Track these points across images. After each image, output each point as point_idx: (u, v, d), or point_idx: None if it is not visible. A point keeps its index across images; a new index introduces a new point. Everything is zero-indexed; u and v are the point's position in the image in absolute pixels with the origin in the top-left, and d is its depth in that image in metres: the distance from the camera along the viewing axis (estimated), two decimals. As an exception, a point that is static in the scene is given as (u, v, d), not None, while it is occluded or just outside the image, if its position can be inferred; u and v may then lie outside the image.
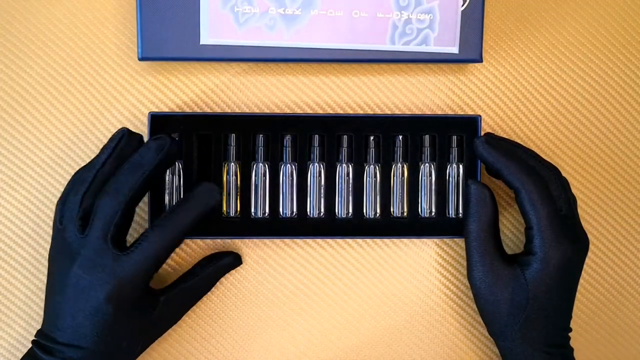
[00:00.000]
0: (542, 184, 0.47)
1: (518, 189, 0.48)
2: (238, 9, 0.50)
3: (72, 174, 0.54)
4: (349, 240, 0.55)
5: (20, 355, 0.54)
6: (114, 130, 0.54)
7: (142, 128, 0.54)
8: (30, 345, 0.47)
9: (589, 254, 0.55)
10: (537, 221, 0.47)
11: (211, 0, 0.50)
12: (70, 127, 0.54)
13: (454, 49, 0.52)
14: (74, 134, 0.54)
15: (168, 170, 0.52)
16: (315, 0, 0.50)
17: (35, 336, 0.47)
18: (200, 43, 0.50)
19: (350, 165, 0.53)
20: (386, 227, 0.54)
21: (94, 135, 0.54)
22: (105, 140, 0.54)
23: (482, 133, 0.55)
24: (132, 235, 0.55)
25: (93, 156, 0.54)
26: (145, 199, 0.52)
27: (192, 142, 0.52)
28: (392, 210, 0.54)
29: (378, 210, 0.54)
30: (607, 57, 0.56)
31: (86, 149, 0.54)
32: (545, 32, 0.56)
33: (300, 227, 0.53)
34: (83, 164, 0.54)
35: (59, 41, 0.53)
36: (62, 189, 0.54)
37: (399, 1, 0.51)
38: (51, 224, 0.54)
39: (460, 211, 0.54)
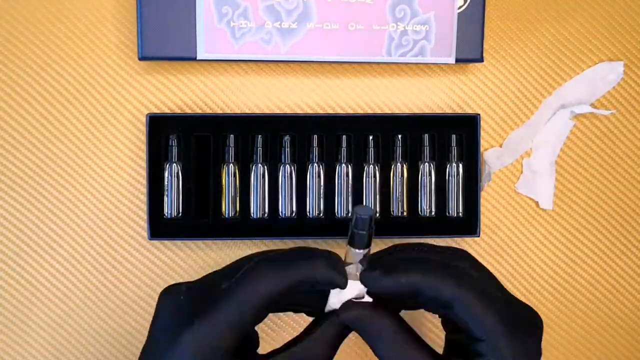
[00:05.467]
0: (472, 283, 0.36)
1: (449, 303, 0.36)
2: (234, 24, 0.50)
3: (70, 173, 0.53)
4: (349, 241, 0.55)
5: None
6: (113, 130, 0.54)
7: (141, 128, 0.53)
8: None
9: (590, 254, 0.55)
10: (487, 331, 0.35)
11: (207, 15, 0.50)
12: (69, 126, 0.53)
13: (451, 60, 0.52)
14: (73, 133, 0.54)
15: (166, 172, 0.52)
16: (311, 14, 0.50)
17: None
18: (197, 58, 0.51)
19: (349, 165, 0.53)
20: (386, 227, 0.54)
21: (93, 135, 0.54)
22: (103, 139, 0.54)
23: (482, 132, 0.55)
24: (129, 242, 0.54)
25: (91, 155, 0.54)
26: (144, 198, 0.52)
27: (190, 143, 0.52)
28: (391, 210, 0.54)
29: (378, 210, 0.53)
30: (607, 57, 0.56)
31: (85, 148, 0.54)
32: (546, 31, 0.55)
33: (300, 227, 0.53)
34: (81, 163, 0.54)
35: (58, 41, 0.53)
36: (59, 189, 0.54)
37: (394, 13, 0.51)
38: (50, 222, 0.54)
39: (461, 210, 0.53)
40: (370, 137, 0.54)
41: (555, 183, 0.56)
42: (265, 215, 0.53)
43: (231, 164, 0.53)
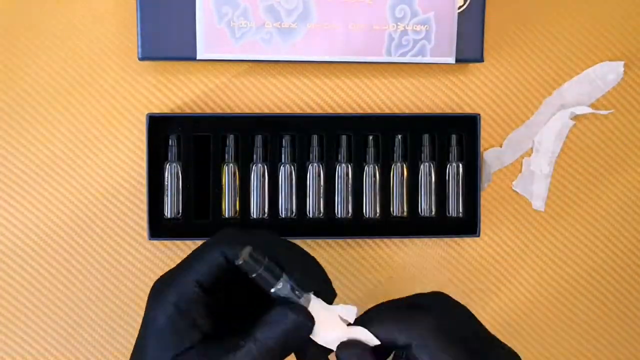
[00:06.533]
0: (428, 326, 0.37)
1: (407, 347, 0.37)
2: (234, 24, 0.50)
3: (71, 173, 0.53)
4: (349, 240, 0.55)
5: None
6: (113, 130, 0.54)
7: (141, 128, 0.53)
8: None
9: (591, 254, 0.55)
10: None
11: (207, 15, 0.50)
12: (69, 126, 0.54)
13: (451, 59, 0.52)
14: (73, 133, 0.54)
15: (166, 172, 0.52)
16: (311, 14, 0.51)
17: None
18: (197, 58, 0.51)
19: (349, 165, 0.53)
20: (386, 227, 0.54)
21: (93, 135, 0.54)
22: (103, 139, 0.53)
23: (482, 132, 0.55)
24: (129, 242, 0.54)
25: (91, 155, 0.54)
26: (144, 198, 0.52)
27: (191, 143, 0.52)
28: (391, 210, 0.54)
29: (378, 210, 0.53)
30: (607, 57, 0.56)
31: (85, 148, 0.54)
32: (546, 31, 0.56)
33: (300, 227, 0.53)
34: (81, 163, 0.54)
35: (58, 41, 0.53)
36: (60, 189, 0.53)
37: (394, 12, 0.51)
38: (50, 222, 0.54)
39: (461, 210, 0.53)
40: (370, 137, 0.54)
41: (549, 185, 0.56)
42: (265, 215, 0.53)
43: (231, 164, 0.53)
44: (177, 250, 0.55)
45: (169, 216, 0.52)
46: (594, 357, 0.58)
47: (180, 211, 0.53)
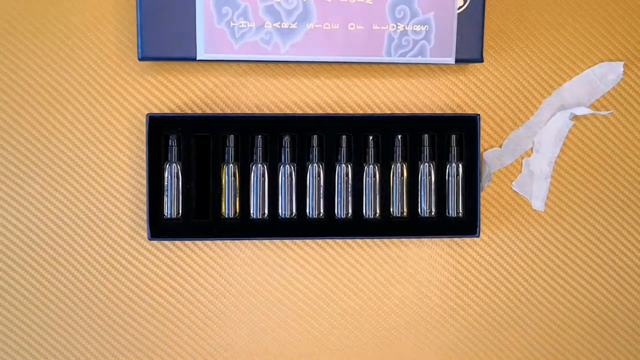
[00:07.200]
0: None
1: None
2: (234, 24, 0.50)
3: (71, 173, 0.54)
4: (349, 241, 0.55)
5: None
6: (113, 130, 0.54)
7: (141, 128, 0.53)
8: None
9: (590, 254, 0.55)
10: None
11: (207, 15, 0.50)
12: (69, 126, 0.54)
13: (450, 60, 0.52)
14: (73, 133, 0.54)
15: (166, 172, 0.52)
16: (311, 14, 0.51)
17: None
18: (197, 58, 0.51)
19: (349, 166, 0.53)
20: (386, 227, 0.54)
21: (93, 135, 0.54)
22: (103, 139, 0.54)
23: (482, 132, 0.55)
24: (129, 242, 0.54)
25: (92, 155, 0.54)
26: (144, 198, 0.52)
27: (191, 143, 0.52)
28: (391, 210, 0.54)
29: (378, 210, 0.53)
30: (606, 57, 0.56)
31: (85, 148, 0.54)
32: (546, 31, 0.56)
33: (300, 227, 0.53)
34: (81, 163, 0.54)
35: (58, 41, 0.53)
36: (60, 189, 0.54)
37: (394, 13, 0.51)
38: (50, 222, 0.54)
39: (461, 210, 0.53)
40: (370, 137, 0.54)
41: (549, 186, 0.56)
42: (265, 215, 0.53)
43: (231, 164, 0.53)
44: (177, 251, 0.55)
45: (169, 216, 0.52)
46: (593, 356, 0.58)
47: (181, 211, 0.53)
